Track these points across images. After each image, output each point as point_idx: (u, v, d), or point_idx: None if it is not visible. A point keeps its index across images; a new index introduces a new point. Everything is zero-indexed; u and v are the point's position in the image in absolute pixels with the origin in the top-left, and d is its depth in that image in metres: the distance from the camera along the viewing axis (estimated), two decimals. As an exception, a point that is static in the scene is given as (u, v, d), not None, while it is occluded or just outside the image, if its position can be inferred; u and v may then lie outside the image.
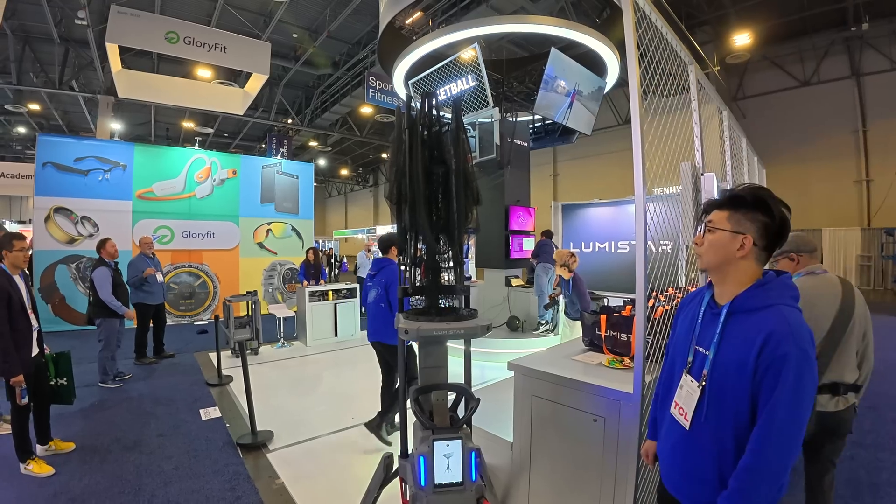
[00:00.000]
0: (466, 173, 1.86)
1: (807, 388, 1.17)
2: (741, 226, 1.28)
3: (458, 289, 1.84)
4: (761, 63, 13.92)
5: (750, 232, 1.26)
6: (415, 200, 1.74)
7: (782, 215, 1.26)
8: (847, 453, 3.15)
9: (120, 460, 3.30)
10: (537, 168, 19.21)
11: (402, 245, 1.86)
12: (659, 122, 2.60)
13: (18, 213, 20.80)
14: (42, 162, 7.85)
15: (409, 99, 1.94)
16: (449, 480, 1.59)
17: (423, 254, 1.83)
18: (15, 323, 2.96)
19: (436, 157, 1.86)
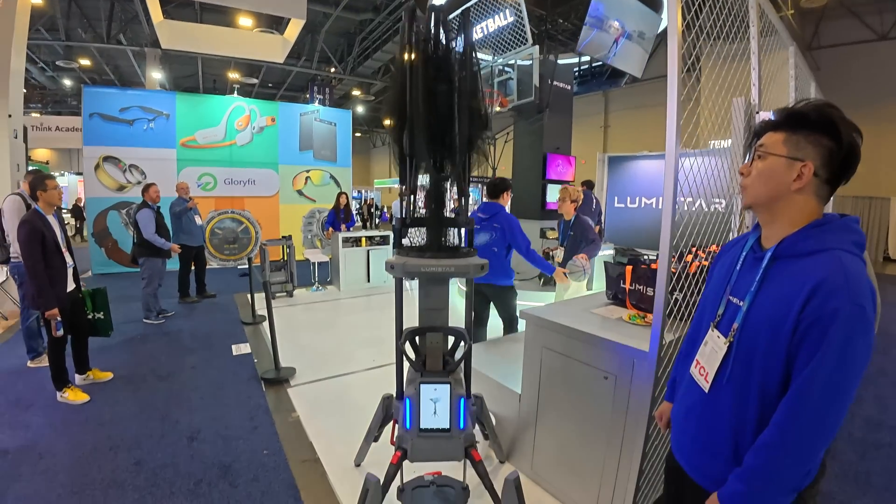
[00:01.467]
0: (473, 91, 1.64)
1: (857, 355, 0.92)
2: (800, 150, 1.01)
3: (460, 221, 1.68)
4: (838, 10, 12.15)
5: (811, 158, 1.00)
6: (413, 120, 1.56)
7: (852, 140, 0.99)
8: None
9: (152, 389, 3.51)
10: (587, 118, 18.19)
11: (402, 173, 1.70)
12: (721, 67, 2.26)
13: (77, 164, 22.13)
14: (89, 113, 8.14)
15: (413, 11, 1.72)
16: (435, 426, 1.52)
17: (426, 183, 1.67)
18: (49, 261, 3.09)
19: (441, 75, 1.66)
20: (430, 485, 1.88)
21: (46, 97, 20.07)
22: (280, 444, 2.79)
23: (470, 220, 1.68)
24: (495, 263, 3.34)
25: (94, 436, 2.85)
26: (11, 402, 3.26)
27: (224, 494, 2.33)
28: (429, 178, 1.64)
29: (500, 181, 3.56)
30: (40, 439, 2.80)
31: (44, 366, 3.64)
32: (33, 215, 3.10)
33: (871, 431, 3.02)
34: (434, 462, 1.67)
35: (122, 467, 2.54)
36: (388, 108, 1.69)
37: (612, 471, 1.97)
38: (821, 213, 1.05)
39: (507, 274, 3.44)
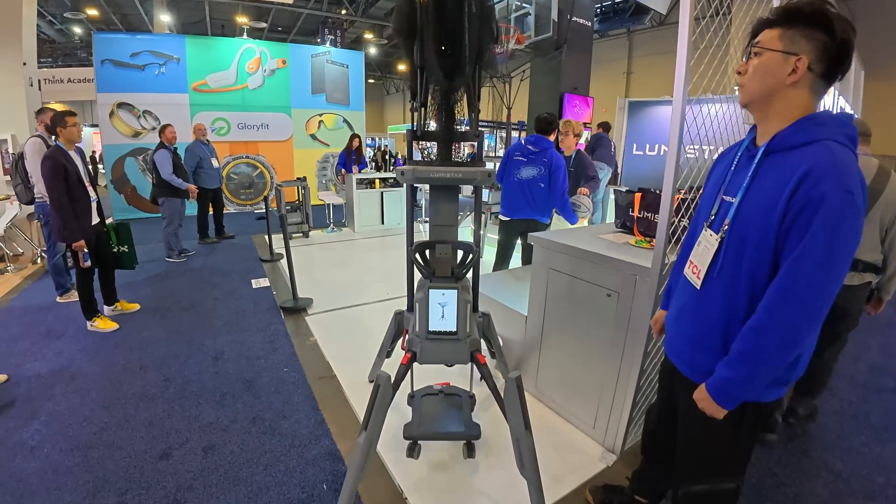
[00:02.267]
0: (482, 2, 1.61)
1: (845, 239, 0.94)
2: (795, 45, 1.01)
3: (470, 134, 1.69)
4: None
5: (805, 52, 1.00)
6: (424, 32, 1.55)
7: (846, 35, 0.98)
8: None
9: (177, 318, 3.70)
10: (609, 63, 17.39)
11: (413, 87, 1.70)
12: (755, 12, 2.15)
13: (90, 116, 22.12)
14: (100, 59, 8.06)
15: None
16: (443, 328, 1.60)
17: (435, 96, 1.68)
18: (73, 194, 3.18)
19: None
20: (439, 393, 2.01)
21: (56, 51, 19.89)
22: (299, 363, 2.97)
23: (480, 132, 1.69)
24: (540, 200, 3.38)
25: (125, 358, 3.04)
26: (43, 333, 3.42)
27: (248, 405, 2.52)
28: (439, 90, 1.64)
29: (552, 117, 3.47)
30: (72, 363, 2.96)
31: (72, 300, 3.84)
32: (55, 151, 3.16)
33: (874, 376, 3.06)
34: (442, 368, 1.77)
35: (152, 383, 2.73)
36: (399, 19, 1.67)
37: (610, 387, 2.07)
38: (815, 108, 1.05)
39: (549, 212, 3.47)
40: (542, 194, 3.34)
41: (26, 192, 4.10)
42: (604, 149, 5.78)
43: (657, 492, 1.69)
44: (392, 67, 26.14)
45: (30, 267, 5.19)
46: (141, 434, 2.26)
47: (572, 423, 2.31)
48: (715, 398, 1.10)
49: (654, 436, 1.60)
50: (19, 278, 4.82)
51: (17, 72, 5.44)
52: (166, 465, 2.05)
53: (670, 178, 1.70)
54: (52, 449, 2.15)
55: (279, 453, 2.13)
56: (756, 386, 1.07)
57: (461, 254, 1.71)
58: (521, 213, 3.43)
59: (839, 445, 2.31)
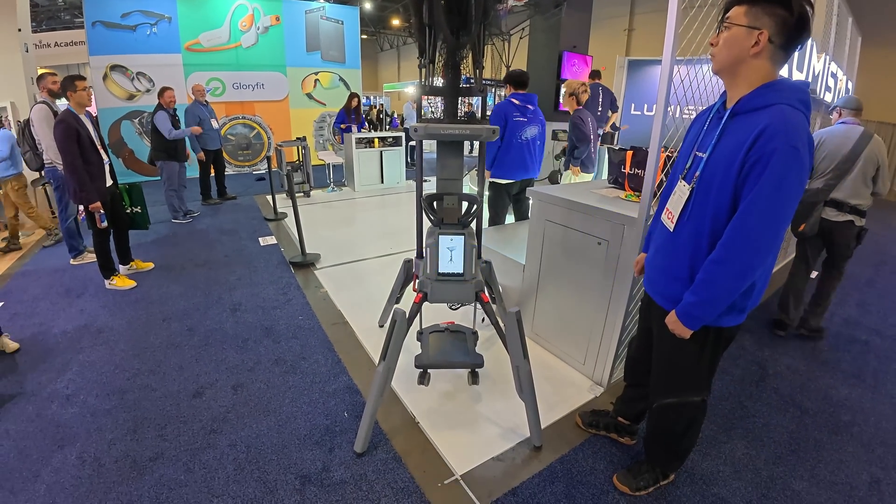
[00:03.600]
0: None
1: (791, 187, 1.13)
2: (758, 20, 1.17)
3: (474, 89, 1.84)
4: None
5: (766, 27, 1.16)
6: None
7: (802, 10, 1.14)
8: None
9: (192, 274, 3.89)
10: (609, 21, 16.93)
11: (421, 44, 1.82)
12: None
13: (83, 80, 21.39)
14: (91, 21, 7.87)
15: None
16: (451, 270, 1.80)
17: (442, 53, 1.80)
18: (86, 157, 3.25)
19: None
20: (445, 330, 2.23)
21: (39, 14, 19.06)
22: (312, 311, 3.19)
23: (484, 87, 1.83)
24: (538, 158, 3.50)
25: (147, 312, 3.21)
26: (62, 293, 3.52)
27: (269, 349, 2.75)
28: (446, 47, 1.76)
29: (525, 71, 3.53)
30: (96, 319, 3.10)
31: (87, 262, 3.98)
32: (67, 114, 3.21)
33: (848, 328, 3.26)
34: (447, 312, 1.98)
35: (177, 333, 2.94)
36: None
37: (599, 328, 2.31)
38: (776, 74, 1.22)
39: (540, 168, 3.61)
40: (540, 151, 3.49)
41: (35, 159, 4.15)
42: (592, 99, 5.31)
43: (636, 411, 1.95)
44: (386, 23, 25.29)
45: (38, 233, 5.28)
46: (173, 377, 2.47)
47: (565, 361, 2.57)
48: (682, 320, 1.33)
49: (635, 361, 1.85)
50: (29, 244, 4.90)
51: (12, 38, 5.36)
52: (200, 402, 2.28)
53: (657, 137, 1.86)
54: (87, 395, 2.30)
55: (302, 388, 2.37)
56: (715, 309, 1.29)
57: (466, 205, 1.89)
58: (523, 174, 3.47)
59: (808, 387, 2.52)
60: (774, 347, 2.94)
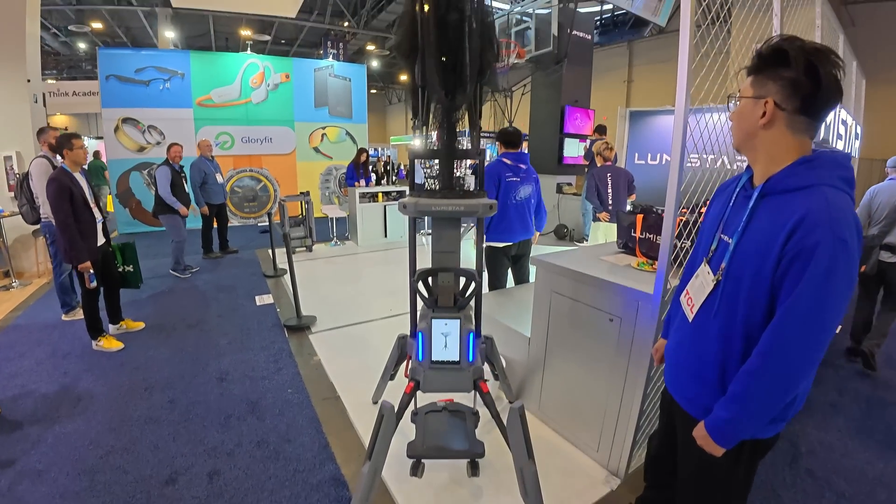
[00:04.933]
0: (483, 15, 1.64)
1: (839, 285, 0.94)
2: (763, 88, 1.03)
3: (472, 152, 1.72)
4: None
5: (771, 93, 1.02)
6: (425, 50, 1.57)
7: (810, 64, 0.96)
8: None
9: (182, 336, 3.72)
10: (609, 72, 17.45)
11: (414, 105, 1.72)
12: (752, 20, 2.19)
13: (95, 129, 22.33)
14: (105, 75, 8.16)
15: None
16: (446, 358, 1.61)
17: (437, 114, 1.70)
18: (79, 215, 3.21)
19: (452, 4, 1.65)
20: (442, 410, 2.01)
21: (61, 63, 20.03)
22: (303, 383, 2.98)
23: (481, 150, 1.71)
24: (531, 217, 3.40)
25: (130, 378, 3.05)
26: (48, 352, 3.43)
27: (252, 427, 2.52)
28: (441, 108, 1.66)
29: (518, 130, 3.51)
30: (78, 384, 2.97)
31: (78, 319, 3.86)
32: (60, 173, 3.20)
33: (878, 390, 3.07)
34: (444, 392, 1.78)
35: (157, 405, 2.74)
36: (401, 37, 1.70)
37: (614, 411, 2.07)
38: (805, 147, 1.05)
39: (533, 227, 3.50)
40: (532, 211, 3.38)
41: (32, 213, 4.14)
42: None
43: (661, 519, 1.68)
44: (394, 78, 26.35)
45: (35, 282, 5.24)
46: (147, 458, 2.27)
47: (576, 446, 2.31)
48: (712, 436, 1.12)
49: (656, 462, 1.61)
50: (24, 294, 4.86)
51: (21, 88, 5.50)
52: (172, 490, 2.05)
53: (671, 207, 1.71)
54: (59, 473, 2.16)
55: (284, 479, 2.13)
56: (752, 427, 1.09)
57: (463, 281, 1.73)
58: (520, 235, 3.35)
59: (843, 464, 2.31)
60: (803, 420, 2.68)
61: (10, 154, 5.52)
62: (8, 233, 5.26)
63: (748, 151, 1.14)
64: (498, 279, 3.38)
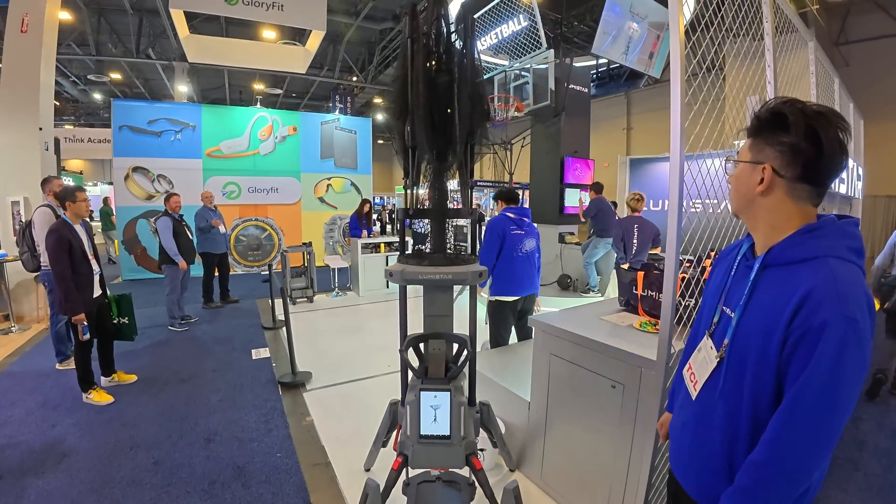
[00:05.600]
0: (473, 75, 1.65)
1: (849, 370, 0.86)
2: (761, 153, 0.98)
3: (464, 212, 1.68)
4: (865, 4, 11.71)
5: (770, 159, 0.96)
6: (414, 111, 1.57)
7: (811, 129, 0.91)
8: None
9: (174, 391, 3.61)
10: (609, 121, 17.93)
11: (405, 166, 1.71)
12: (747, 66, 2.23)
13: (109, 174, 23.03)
14: (118, 125, 8.47)
15: (414, 7, 1.74)
16: (435, 433, 1.51)
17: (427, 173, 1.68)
18: (76, 267, 3.23)
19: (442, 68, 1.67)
20: (436, 480, 1.87)
21: (79, 109, 20.84)
22: (293, 447, 2.83)
23: (473, 209, 1.68)
24: (537, 270, 3.36)
25: (116, 436, 2.96)
26: (39, 402, 3.41)
27: (236, 496, 2.38)
28: (431, 168, 1.65)
29: (514, 189, 3.56)
30: (65, 438, 2.92)
31: (71, 368, 3.80)
32: (61, 225, 3.25)
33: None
34: (434, 468, 1.66)
35: (141, 466, 2.62)
36: (392, 101, 1.72)
37: (620, 484, 1.93)
38: (808, 215, 0.99)
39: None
40: (537, 266, 3.33)
41: (32, 260, 4.19)
42: (604, 218, 5.64)
43: None
44: (400, 128, 27.16)
45: (34, 328, 5.24)
46: (124, 529, 2.13)
47: (581, 522, 2.13)
48: None
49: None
50: (23, 339, 4.86)
51: (33, 136, 5.68)
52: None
53: (671, 269, 1.66)
54: None
55: (265, 558, 1.98)
56: None
57: (455, 348, 1.65)
58: (527, 289, 3.28)
59: None
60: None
61: (18, 199, 5.62)
62: (10, 277, 5.30)
63: (747, 218, 1.08)
64: (502, 335, 3.28)
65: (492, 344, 3.26)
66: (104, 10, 12.15)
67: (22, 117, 5.67)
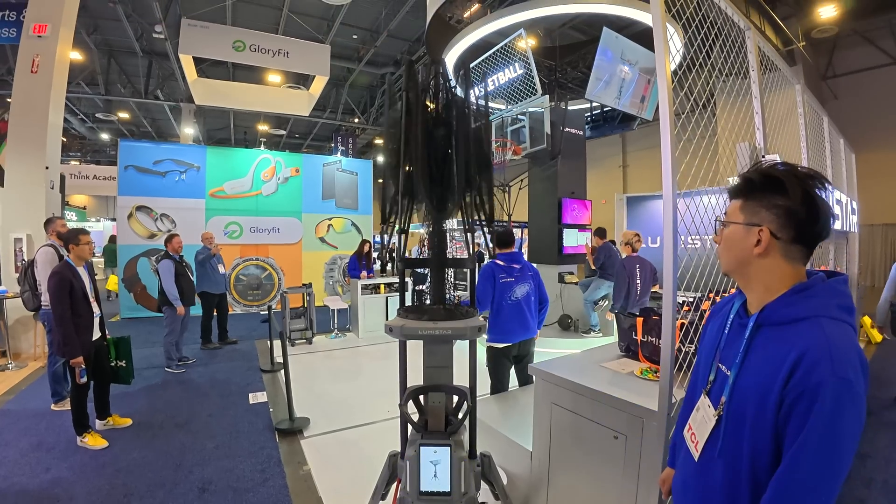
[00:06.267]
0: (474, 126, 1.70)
1: (845, 432, 0.88)
2: (756, 215, 1.01)
3: (467, 262, 1.70)
4: (851, 38, 12.23)
5: (766, 222, 0.99)
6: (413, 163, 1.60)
7: (806, 193, 0.96)
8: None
9: (169, 437, 3.54)
10: (604, 160, 18.33)
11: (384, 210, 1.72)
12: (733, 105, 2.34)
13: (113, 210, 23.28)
14: (124, 165, 8.64)
15: (411, 63, 1.82)
16: (436, 489, 1.49)
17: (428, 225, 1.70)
18: (77, 310, 3.24)
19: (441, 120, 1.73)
20: None
21: (86, 146, 21.22)
22: (289, 497, 2.76)
23: (473, 258, 1.70)
24: (533, 314, 3.34)
25: (111, 482, 2.90)
26: (34, 444, 3.39)
27: (231, 553, 2.30)
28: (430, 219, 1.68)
29: (511, 230, 3.59)
30: (59, 482, 2.88)
31: (67, 409, 3.76)
32: (64, 267, 3.28)
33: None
34: None
35: (133, 518, 2.54)
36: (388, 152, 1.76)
37: (627, 537, 1.87)
38: (800, 274, 1.03)
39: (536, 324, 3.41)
40: (534, 307, 3.32)
41: (33, 299, 4.22)
42: (612, 259, 5.60)
43: None
44: (400, 166, 27.68)
45: (31, 365, 5.21)
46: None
47: (588, 580, 2.05)
48: None
49: None
50: (19, 377, 4.84)
51: (39, 174, 5.76)
52: None
53: (668, 320, 1.67)
54: None
55: None
56: None
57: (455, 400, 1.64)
58: (521, 335, 3.26)
59: None
60: None
61: (21, 236, 5.66)
62: (10, 313, 5.30)
63: (740, 278, 1.11)
64: (500, 381, 3.24)
65: (491, 391, 3.22)
66: (115, 52, 12.62)
67: (29, 156, 5.77)
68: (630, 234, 4.87)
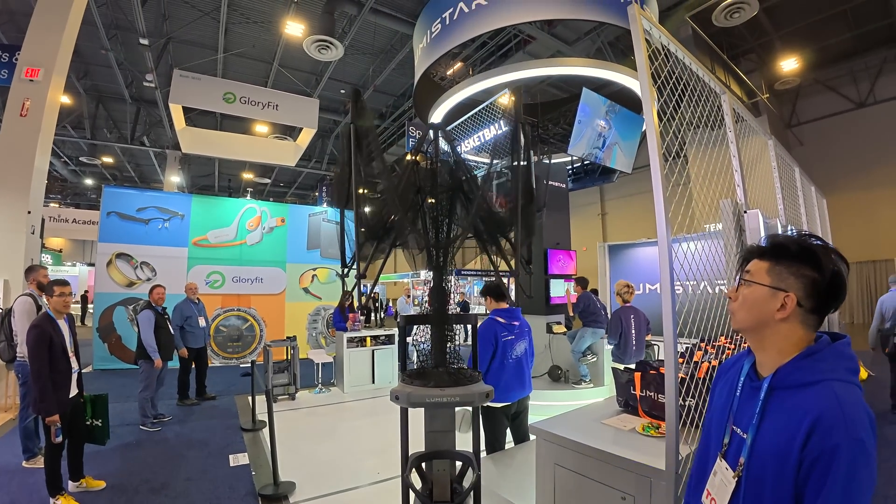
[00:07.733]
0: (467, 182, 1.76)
1: (861, 485, 0.92)
2: (783, 281, 1.05)
3: (470, 318, 1.70)
4: (814, 87, 13.25)
5: (793, 289, 1.04)
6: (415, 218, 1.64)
7: (836, 271, 1.03)
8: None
9: (145, 503, 3.30)
10: (584, 208, 18.89)
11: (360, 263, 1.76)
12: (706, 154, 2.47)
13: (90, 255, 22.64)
14: (107, 211, 8.49)
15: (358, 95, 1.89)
16: (444, 566, 1.41)
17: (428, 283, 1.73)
18: (55, 365, 3.11)
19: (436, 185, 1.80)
20: None
21: (66, 189, 20.91)
22: (275, 576, 2.56)
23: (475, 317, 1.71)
24: (530, 370, 3.31)
25: None
26: (5, 503, 3.20)
27: None
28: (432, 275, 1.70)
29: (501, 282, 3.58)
30: None
31: (39, 467, 3.57)
32: (44, 320, 3.16)
33: None
34: None
35: None
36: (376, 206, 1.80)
37: None
38: (810, 339, 1.07)
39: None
40: (529, 366, 3.28)
41: (9, 350, 4.04)
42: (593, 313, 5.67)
43: None
44: (384, 214, 27.98)
45: (1, 417, 4.94)
46: None
47: None
48: None
49: None
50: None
51: (21, 218, 5.60)
52: None
53: (671, 377, 1.68)
54: None
55: None
56: None
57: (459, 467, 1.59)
58: (519, 393, 3.19)
59: None
60: None
61: (-1, 282, 5.42)
62: None
63: (753, 337, 1.13)
64: (497, 440, 3.13)
65: (487, 450, 3.12)
66: (103, 98, 12.75)
67: (11, 199, 5.64)
68: (621, 285, 4.94)
